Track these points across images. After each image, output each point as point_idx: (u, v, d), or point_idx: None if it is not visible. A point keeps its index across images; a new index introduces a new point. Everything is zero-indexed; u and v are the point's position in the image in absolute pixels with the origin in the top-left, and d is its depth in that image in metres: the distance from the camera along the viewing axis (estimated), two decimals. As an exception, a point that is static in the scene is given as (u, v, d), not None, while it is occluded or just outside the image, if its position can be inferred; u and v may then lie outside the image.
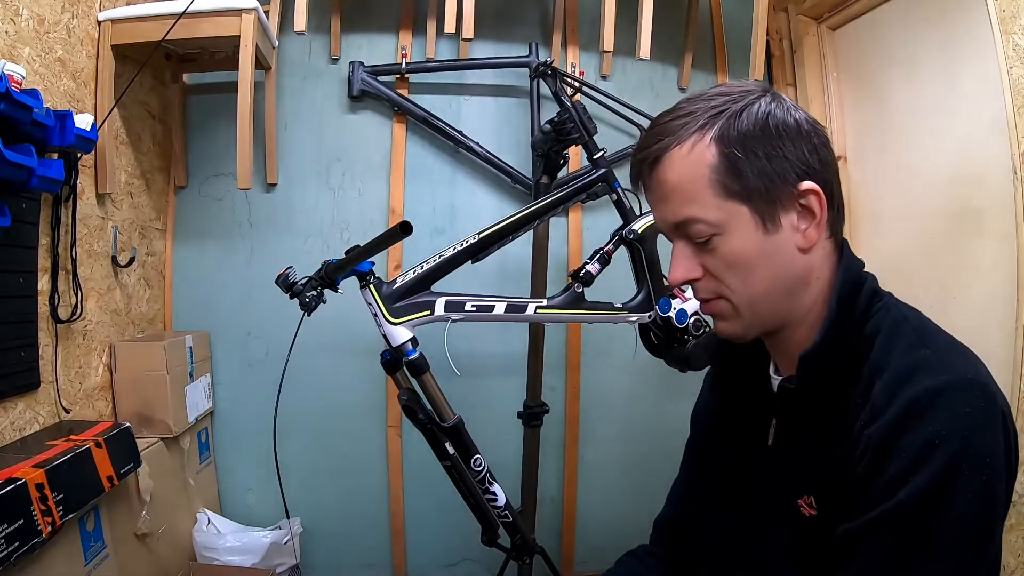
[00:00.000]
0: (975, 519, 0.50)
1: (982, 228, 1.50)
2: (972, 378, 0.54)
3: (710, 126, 0.59)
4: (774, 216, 0.60)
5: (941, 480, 0.50)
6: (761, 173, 0.59)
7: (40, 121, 1.12)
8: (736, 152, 0.58)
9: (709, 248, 0.62)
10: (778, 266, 0.61)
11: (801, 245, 0.61)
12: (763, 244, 0.60)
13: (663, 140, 0.61)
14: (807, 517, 0.62)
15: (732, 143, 0.59)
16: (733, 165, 0.59)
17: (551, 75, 1.58)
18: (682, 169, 0.60)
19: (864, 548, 0.54)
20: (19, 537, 0.96)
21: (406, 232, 1.05)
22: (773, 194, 0.59)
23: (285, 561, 1.72)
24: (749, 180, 0.59)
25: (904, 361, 0.56)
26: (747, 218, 0.60)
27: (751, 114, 0.59)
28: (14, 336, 1.22)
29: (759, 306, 0.63)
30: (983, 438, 0.51)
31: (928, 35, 1.67)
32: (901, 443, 0.52)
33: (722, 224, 0.60)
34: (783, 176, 0.59)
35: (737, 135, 0.59)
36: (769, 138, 0.59)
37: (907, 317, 0.61)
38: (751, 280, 0.62)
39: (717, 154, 0.59)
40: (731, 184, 0.59)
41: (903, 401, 0.53)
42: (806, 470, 0.63)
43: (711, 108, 0.60)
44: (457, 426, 1.24)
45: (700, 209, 0.60)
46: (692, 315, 1.43)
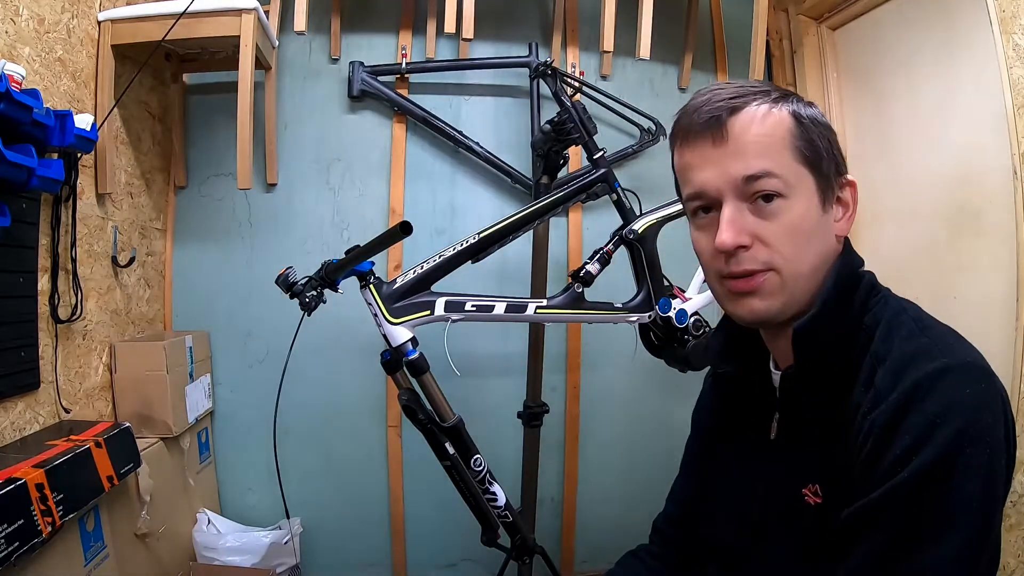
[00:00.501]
0: (978, 496, 0.51)
1: (982, 228, 1.50)
2: (971, 361, 0.55)
3: (784, 100, 0.62)
4: (831, 196, 0.63)
5: (944, 458, 0.51)
6: (826, 153, 0.63)
7: (40, 121, 1.11)
8: (810, 129, 0.62)
9: (770, 211, 0.60)
10: (825, 246, 0.63)
11: (839, 233, 0.64)
12: (820, 219, 0.62)
13: (738, 97, 0.61)
14: (813, 506, 0.63)
15: (804, 121, 0.62)
16: (808, 135, 0.62)
17: (551, 75, 1.58)
18: (763, 124, 0.61)
19: (869, 528, 0.54)
20: (19, 537, 0.96)
21: (406, 232, 1.05)
22: (830, 176, 0.63)
23: (285, 561, 1.72)
24: (820, 154, 0.62)
25: (905, 348, 0.57)
26: (812, 189, 0.62)
27: (814, 109, 0.64)
28: (14, 336, 1.22)
29: (806, 282, 0.62)
30: (984, 418, 0.52)
31: (928, 35, 1.67)
32: (904, 424, 0.53)
33: (791, 186, 0.60)
34: (837, 163, 0.64)
35: (808, 114, 0.63)
36: (828, 128, 0.64)
37: (905, 308, 0.63)
38: (806, 252, 0.61)
39: (794, 123, 0.61)
40: (806, 151, 0.61)
41: (906, 385, 0.54)
42: (810, 460, 0.64)
43: (774, 88, 0.64)
44: (457, 426, 1.24)
45: (777, 165, 0.60)
46: (692, 315, 1.43)
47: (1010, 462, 0.54)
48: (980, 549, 0.52)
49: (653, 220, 1.45)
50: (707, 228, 0.64)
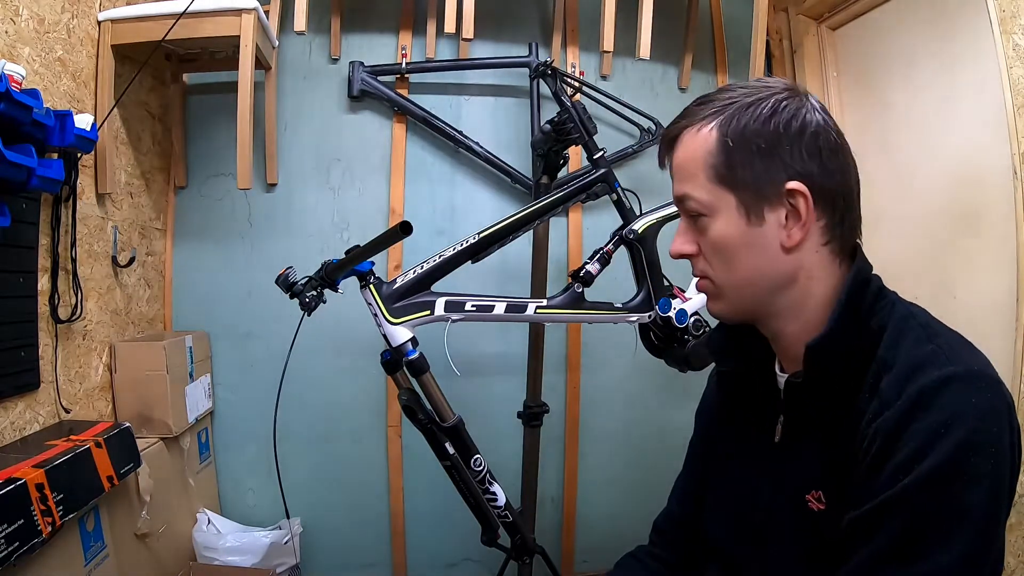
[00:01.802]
0: (981, 506, 0.51)
1: (982, 228, 1.50)
2: (978, 370, 0.55)
3: (718, 115, 0.63)
4: (759, 209, 0.62)
5: (947, 465, 0.51)
6: (751, 166, 0.61)
7: (40, 121, 1.11)
8: (730, 142, 0.62)
9: (700, 227, 0.66)
10: (759, 259, 0.63)
11: (784, 243, 0.62)
12: (746, 234, 0.63)
13: (681, 122, 0.66)
14: (816, 512, 0.62)
15: (730, 133, 0.62)
16: (727, 153, 0.62)
17: (551, 75, 1.58)
18: (687, 149, 0.65)
19: (870, 533, 0.54)
20: (19, 537, 0.96)
21: (406, 232, 1.05)
22: (760, 188, 0.61)
23: (285, 561, 1.72)
24: (738, 170, 0.62)
25: (912, 355, 0.57)
26: (732, 206, 0.63)
27: (757, 110, 0.61)
28: (14, 336, 1.22)
29: (740, 292, 0.66)
30: (989, 427, 0.52)
31: (928, 35, 1.67)
32: (909, 431, 0.53)
33: (709, 206, 0.64)
34: (773, 172, 0.61)
35: (737, 126, 0.61)
36: (767, 135, 0.61)
37: (913, 313, 0.62)
38: (732, 266, 0.65)
39: (716, 140, 0.62)
40: (722, 170, 0.62)
41: (911, 392, 0.54)
42: (814, 466, 0.63)
43: (727, 99, 0.63)
44: (457, 426, 1.24)
45: (693, 188, 0.64)
46: (692, 315, 1.43)
47: (1015, 471, 0.54)
48: (982, 559, 0.51)
49: (653, 220, 1.45)
50: None
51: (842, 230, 0.64)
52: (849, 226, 0.64)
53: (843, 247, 0.64)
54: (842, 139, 0.63)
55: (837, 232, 0.63)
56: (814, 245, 0.63)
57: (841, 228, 0.63)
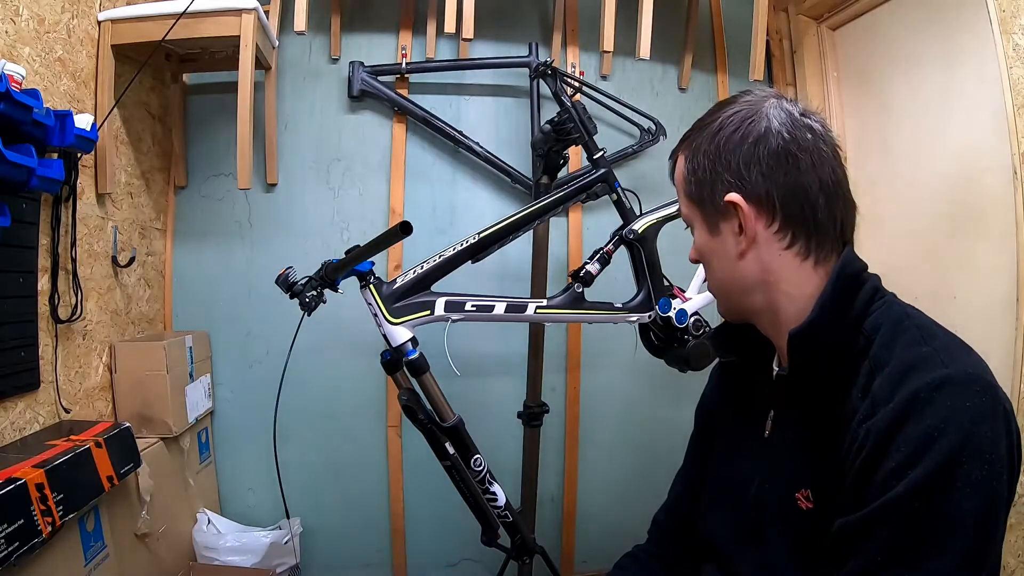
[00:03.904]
0: (976, 513, 0.50)
1: (982, 228, 1.50)
2: (974, 373, 0.54)
3: (691, 140, 0.70)
4: (715, 222, 0.68)
5: (941, 472, 0.50)
6: (703, 184, 0.68)
7: (40, 121, 1.11)
8: (690, 164, 0.69)
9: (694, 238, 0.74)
10: (725, 266, 0.69)
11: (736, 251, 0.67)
12: (711, 244, 0.70)
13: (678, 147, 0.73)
14: (804, 511, 0.62)
15: (691, 155, 0.69)
16: (689, 175, 0.70)
17: (551, 75, 1.58)
18: (676, 172, 0.73)
19: (864, 541, 0.54)
20: (19, 537, 0.96)
21: (406, 232, 1.05)
22: (713, 203, 0.67)
23: (285, 561, 1.72)
24: (695, 189, 0.69)
25: (906, 356, 0.57)
26: (700, 219, 0.71)
27: (710, 130, 0.67)
28: (14, 336, 1.21)
29: (724, 295, 0.73)
30: (984, 432, 0.51)
31: (928, 35, 1.67)
32: (901, 436, 0.52)
33: (689, 221, 0.73)
34: (717, 188, 0.66)
35: (695, 148, 0.69)
36: (711, 153, 0.66)
37: (909, 314, 0.62)
38: (711, 272, 0.73)
39: (684, 167, 0.71)
40: (691, 189, 0.70)
41: (904, 394, 0.53)
42: (803, 463, 0.64)
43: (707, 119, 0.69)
44: (457, 426, 1.24)
45: (681, 205, 0.74)
46: (692, 315, 1.43)
47: (1013, 476, 0.53)
48: (977, 566, 0.50)
49: (653, 220, 1.45)
50: None
51: (805, 230, 0.63)
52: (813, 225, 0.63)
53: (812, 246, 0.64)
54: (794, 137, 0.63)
55: (799, 232, 0.63)
56: (773, 249, 0.64)
57: (804, 228, 0.63)
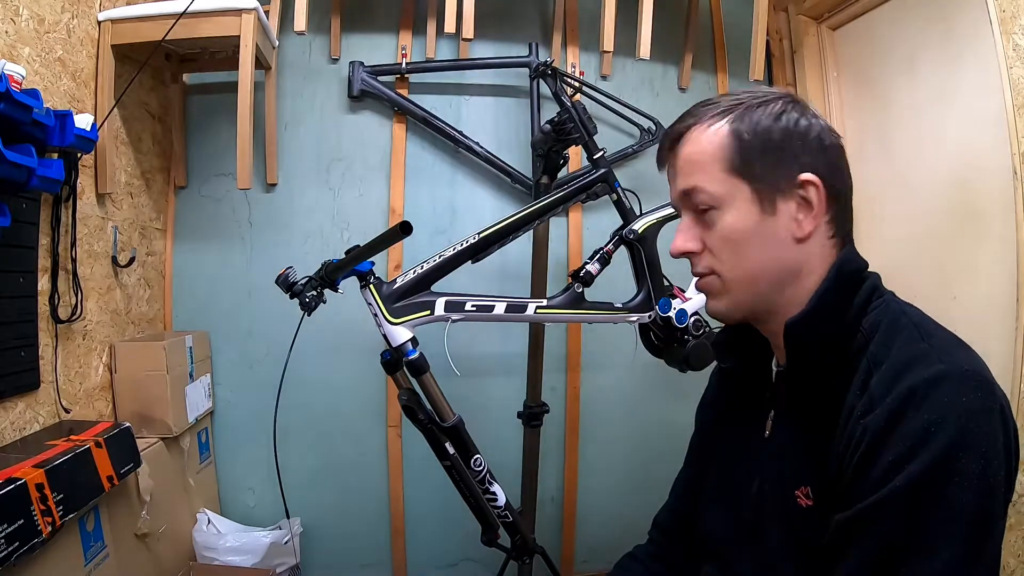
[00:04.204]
0: (972, 509, 0.50)
1: (982, 228, 1.50)
2: (970, 369, 0.54)
3: (729, 112, 0.65)
4: (773, 200, 0.63)
5: (937, 467, 0.50)
6: (765, 158, 0.63)
7: (40, 121, 1.11)
8: (746, 135, 0.63)
9: (708, 222, 0.66)
10: (771, 250, 0.64)
11: (796, 234, 0.63)
12: (759, 225, 0.64)
13: (687, 121, 0.67)
14: (804, 508, 0.62)
15: (744, 128, 0.64)
16: (741, 145, 0.63)
17: (551, 75, 1.58)
18: (697, 144, 0.66)
19: (861, 535, 0.54)
20: (19, 537, 0.96)
21: (406, 232, 1.05)
22: (774, 179, 0.63)
23: (285, 561, 1.72)
24: (754, 161, 0.63)
25: (903, 353, 0.57)
26: (747, 196, 0.64)
27: (767, 109, 0.64)
28: (14, 336, 1.21)
29: (747, 287, 0.66)
30: (980, 427, 0.51)
31: (928, 35, 1.67)
32: (897, 431, 0.53)
33: (722, 198, 0.64)
34: (786, 164, 0.63)
35: (750, 122, 0.64)
36: (778, 131, 0.63)
37: (906, 312, 0.62)
38: (743, 258, 0.65)
39: (729, 134, 0.64)
40: (737, 161, 0.63)
41: (901, 390, 0.54)
42: (803, 461, 0.64)
43: (734, 100, 0.66)
44: (457, 426, 1.24)
45: (705, 179, 0.65)
46: (692, 315, 1.43)
47: (1011, 472, 0.53)
48: (974, 561, 0.50)
49: (653, 220, 1.45)
50: None
51: (844, 227, 0.66)
52: (848, 224, 0.67)
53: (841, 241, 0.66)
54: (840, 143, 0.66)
55: (841, 227, 0.65)
56: (822, 237, 0.64)
57: (844, 223, 0.66)
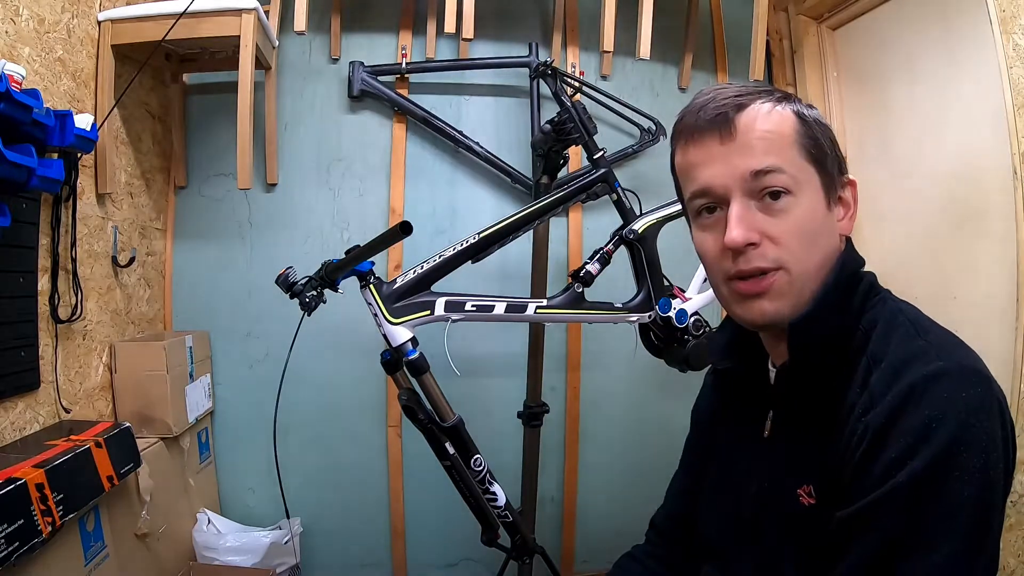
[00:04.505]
0: (973, 503, 0.50)
1: (982, 228, 1.50)
2: (968, 364, 0.55)
3: (786, 100, 0.63)
4: (835, 194, 0.64)
5: (938, 462, 0.51)
6: (829, 152, 0.63)
7: (40, 121, 1.11)
8: (816, 125, 0.63)
9: (779, 208, 0.60)
10: (830, 245, 0.63)
11: (842, 232, 0.65)
12: (825, 217, 0.63)
13: (744, 95, 0.62)
14: (806, 507, 0.62)
15: (808, 120, 0.63)
16: (812, 133, 0.62)
17: (551, 75, 1.58)
18: (770, 121, 0.61)
19: (863, 531, 0.54)
20: (19, 537, 0.96)
21: (406, 232, 1.05)
22: (834, 174, 0.64)
23: (285, 561, 1.72)
24: (825, 152, 0.63)
25: (901, 350, 0.57)
26: (818, 186, 0.62)
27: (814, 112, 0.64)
28: (14, 336, 1.22)
29: (810, 282, 0.61)
30: (980, 422, 0.52)
31: (928, 35, 1.67)
32: (898, 427, 0.53)
33: (799, 183, 0.60)
34: (838, 163, 0.64)
35: (810, 114, 0.63)
36: (829, 128, 0.64)
37: (903, 310, 0.63)
38: (814, 250, 0.61)
39: (798, 121, 0.62)
40: (812, 148, 0.62)
41: (901, 387, 0.54)
42: (803, 460, 0.63)
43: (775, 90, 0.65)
44: (457, 426, 1.24)
45: (784, 161, 0.60)
46: (692, 315, 1.43)
47: (1009, 467, 0.54)
48: (975, 555, 0.51)
49: (653, 220, 1.45)
50: (712, 228, 0.63)
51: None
52: None
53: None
54: None
55: None
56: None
57: None
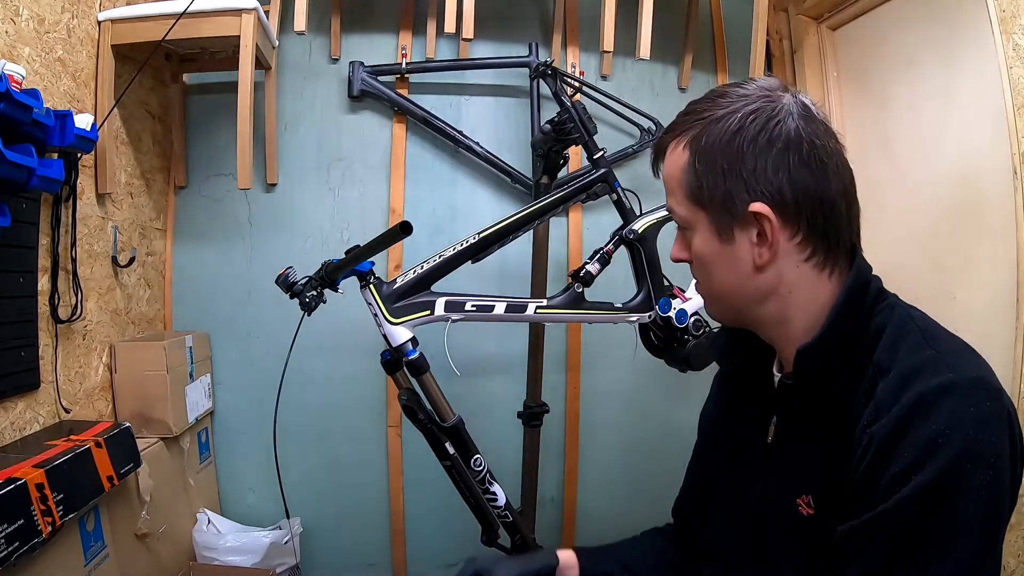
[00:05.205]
0: (979, 518, 0.50)
1: (982, 228, 1.50)
2: (977, 376, 0.54)
3: (691, 131, 0.63)
4: (729, 228, 0.62)
5: (945, 477, 0.50)
6: (716, 185, 0.61)
7: (40, 121, 1.11)
8: (696, 162, 0.62)
9: (687, 238, 0.68)
10: (735, 275, 0.64)
11: (756, 262, 0.62)
12: (719, 251, 0.64)
13: (668, 135, 0.67)
14: (805, 517, 0.62)
15: (697, 151, 0.62)
16: (694, 172, 0.63)
17: (551, 75, 1.58)
18: (668, 164, 0.66)
19: (867, 546, 0.54)
20: (19, 537, 0.96)
21: (406, 232, 1.05)
22: (728, 208, 0.62)
23: (285, 561, 1.72)
24: (704, 190, 0.62)
25: (909, 361, 0.56)
26: (706, 223, 0.64)
27: (724, 125, 0.60)
28: (14, 336, 1.21)
29: (721, 303, 0.69)
30: (988, 436, 0.51)
31: (928, 35, 1.67)
32: (905, 440, 0.52)
33: (688, 222, 0.66)
34: (736, 193, 0.61)
35: (703, 144, 0.62)
36: (730, 154, 0.60)
37: (912, 316, 0.61)
38: (711, 279, 0.67)
39: (687, 157, 0.63)
40: (694, 188, 0.63)
41: (908, 399, 0.53)
42: (805, 469, 0.63)
43: (703, 113, 0.63)
44: (457, 426, 1.24)
45: (675, 203, 0.67)
46: (692, 315, 1.43)
47: (1016, 480, 0.53)
48: (979, 569, 0.51)
49: (653, 220, 1.45)
50: None
51: (825, 241, 0.61)
52: (834, 234, 0.61)
53: (828, 257, 0.62)
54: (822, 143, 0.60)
55: (819, 244, 0.61)
56: (792, 261, 0.61)
57: (824, 239, 0.61)
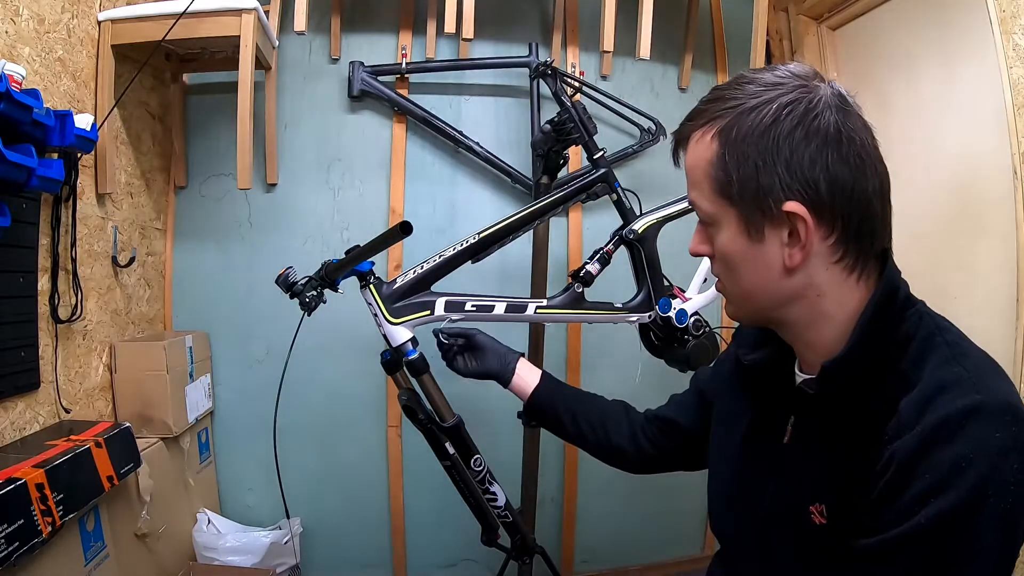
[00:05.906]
0: (997, 546, 0.49)
1: (982, 228, 1.50)
2: (1005, 400, 0.52)
3: (720, 120, 0.59)
4: (759, 226, 0.59)
5: (965, 504, 0.49)
6: (748, 181, 0.58)
7: (40, 121, 1.11)
8: (727, 155, 0.58)
9: (709, 234, 0.64)
10: (762, 276, 0.61)
11: (786, 264, 0.59)
12: (746, 250, 0.61)
13: (692, 122, 0.63)
14: (817, 526, 0.61)
15: (727, 143, 0.58)
16: (724, 165, 0.59)
17: (551, 75, 1.58)
18: (693, 154, 0.62)
19: (883, 566, 0.53)
20: (19, 537, 0.96)
21: (406, 232, 1.05)
22: (760, 205, 0.58)
23: (285, 561, 1.72)
24: (735, 185, 0.59)
25: (936, 377, 0.55)
26: (734, 219, 0.60)
27: (758, 116, 0.57)
28: (14, 336, 1.22)
29: (745, 303, 0.66)
30: (1011, 464, 0.50)
31: (928, 35, 1.67)
32: (927, 462, 0.51)
33: (714, 217, 0.62)
34: (769, 190, 0.57)
35: (735, 136, 0.58)
36: (765, 147, 0.57)
37: (941, 328, 0.60)
38: (735, 278, 0.64)
39: (716, 150, 0.59)
40: (723, 182, 0.60)
41: (933, 419, 0.52)
42: (820, 476, 0.62)
43: (733, 100, 0.59)
44: (457, 426, 1.24)
45: (699, 196, 0.63)
46: (692, 315, 1.43)
47: None
48: None
49: (653, 220, 1.45)
50: None
51: (858, 242, 0.59)
52: (868, 236, 0.60)
53: (859, 259, 0.60)
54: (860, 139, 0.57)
55: (851, 245, 0.59)
56: (822, 263, 0.59)
57: (857, 240, 0.59)
